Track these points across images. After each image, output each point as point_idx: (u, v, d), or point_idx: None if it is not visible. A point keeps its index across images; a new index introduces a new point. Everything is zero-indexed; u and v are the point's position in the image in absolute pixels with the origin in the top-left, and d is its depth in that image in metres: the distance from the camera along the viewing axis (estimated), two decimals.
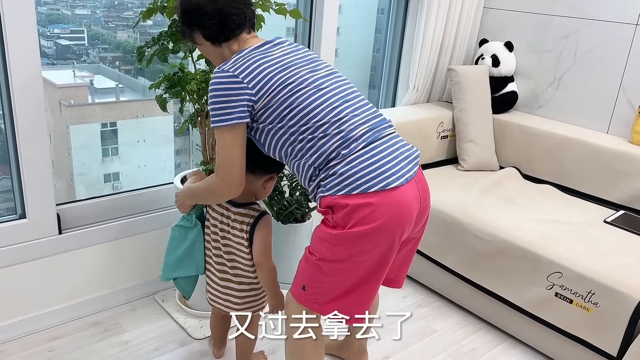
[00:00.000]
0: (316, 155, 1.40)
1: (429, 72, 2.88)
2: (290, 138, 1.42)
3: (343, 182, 1.36)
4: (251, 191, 1.65)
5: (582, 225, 2.20)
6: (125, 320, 2.14)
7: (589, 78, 2.66)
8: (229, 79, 1.38)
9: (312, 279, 1.44)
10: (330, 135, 1.39)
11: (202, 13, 1.44)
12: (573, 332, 1.94)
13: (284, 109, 1.40)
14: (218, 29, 1.46)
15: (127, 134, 2.60)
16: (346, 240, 1.36)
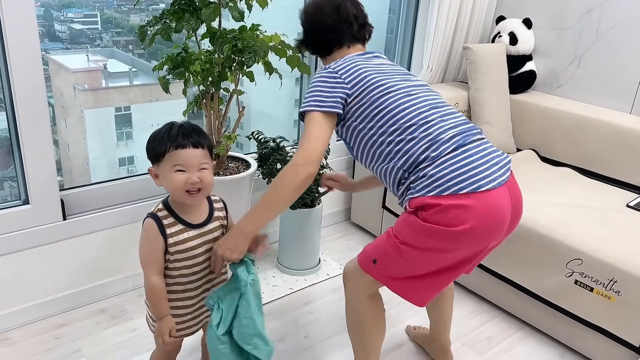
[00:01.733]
0: (405, 158, 1.40)
1: (443, 51, 2.77)
2: (378, 140, 1.45)
3: (433, 183, 1.33)
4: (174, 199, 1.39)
5: (604, 209, 2.11)
6: (133, 307, 2.11)
7: (612, 56, 2.54)
8: (329, 74, 1.48)
9: (387, 256, 1.43)
10: (418, 137, 1.39)
11: (321, 22, 1.58)
12: (593, 321, 1.87)
13: (374, 108, 1.45)
14: (316, 45, 1.62)
15: (140, 118, 2.57)
16: (434, 233, 1.33)
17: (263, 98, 2.90)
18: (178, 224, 1.36)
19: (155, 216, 1.35)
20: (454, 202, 1.30)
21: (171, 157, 1.30)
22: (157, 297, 1.37)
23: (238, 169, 2.05)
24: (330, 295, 2.28)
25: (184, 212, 1.38)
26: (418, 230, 1.35)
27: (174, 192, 1.33)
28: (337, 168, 2.72)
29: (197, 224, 1.39)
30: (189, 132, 1.32)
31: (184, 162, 1.30)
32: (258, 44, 1.77)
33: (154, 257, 1.35)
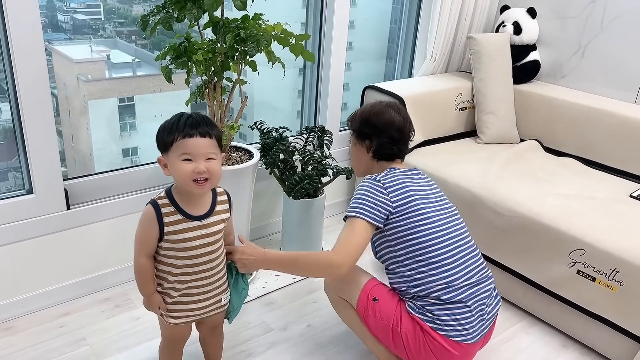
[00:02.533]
0: (419, 287, 1.57)
1: (447, 41, 2.76)
2: (402, 261, 1.59)
3: (435, 320, 1.54)
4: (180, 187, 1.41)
5: (607, 200, 2.11)
6: (137, 296, 2.11)
7: (616, 46, 2.53)
8: (376, 185, 1.60)
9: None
10: (437, 277, 1.55)
11: (387, 133, 1.66)
12: (595, 311, 1.87)
13: (409, 234, 1.57)
14: (388, 150, 1.67)
15: (144, 109, 2.57)
16: (419, 347, 1.57)
17: (267, 89, 2.90)
18: (177, 214, 1.37)
19: (156, 204, 1.37)
20: (444, 344, 1.53)
21: (179, 146, 1.31)
22: (143, 277, 1.43)
23: (241, 159, 2.05)
24: None
25: (185, 203, 1.38)
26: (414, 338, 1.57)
27: (181, 181, 1.34)
28: (340, 159, 2.72)
29: (196, 216, 1.39)
30: (198, 122, 1.32)
31: (191, 151, 1.30)
32: (261, 33, 1.76)
33: (146, 240, 1.39)
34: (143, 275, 1.43)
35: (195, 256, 1.41)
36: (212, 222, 1.42)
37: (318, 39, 2.53)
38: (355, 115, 1.72)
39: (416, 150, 2.52)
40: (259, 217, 2.54)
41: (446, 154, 2.48)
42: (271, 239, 2.60)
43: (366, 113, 1.69)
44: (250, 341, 1.92)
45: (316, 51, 2.55)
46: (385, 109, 1.68)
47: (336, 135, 2.63)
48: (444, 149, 2.56)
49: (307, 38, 1.82)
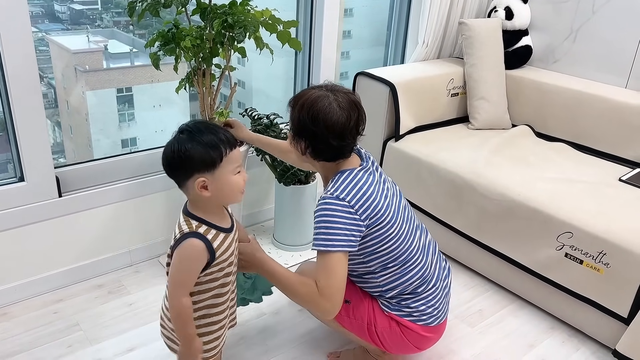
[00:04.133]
0: (391, 287, 1.55)
1: (439, 27, 2.76)
2: (373, 269, 1.54)
3: (412, 313, 1.56)
4: (207, 205, 1.27)
5: (596, 184, 2.12)
6: (130, 283, 2.14)
7: (608, 30, 2.52)
8: (344, 208, 1.41)
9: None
10: (409, 276, 1.55)
11: (322, 137, 1.42)
12: (583, 293, 1.89)
13: (380, 247, 1.49)
14: (328, 154, 1.47)
15: (142, 99, 2.58)
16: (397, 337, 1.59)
17: (263, 76, 2.90)
18: (220, 233, 1.27)
19: (200, 235, 1.23)
20: (422, 332, 1.57)
21: (230, 160, 1.21)
22: (187, 318, 1.27)
23: None
24: None
25: (215, 218, 1.28)
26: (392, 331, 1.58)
27: (231, 196, 1.26)
28: None
29: (230, 227, 1.32)
30: (220, 129, 1.24)
31: (239, 161, 1.24)
32: (249, 19, 1.76)
33: (191, 279, 1.25)
34: (188, 316, 1.26)
35: (232, 270, 1.35)
36: (234, 230, 1.36)
37: (309, 26, 2.53)
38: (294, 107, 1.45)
39: (407, 136, 2.52)
40: (252, 204, 2.56)
41: (437, 140, 2.49)
42: (264, 225, 2.61)
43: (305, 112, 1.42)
44: (243, 326, 1.95)
45: (307, 38, 2.55)
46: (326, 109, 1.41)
47: None
48: (436, 135, 2.57)
49: (295, 25, 1.82)
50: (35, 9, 2.17)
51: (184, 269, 1.24)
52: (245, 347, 1.84)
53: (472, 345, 1.91)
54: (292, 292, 1.47)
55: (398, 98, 2.43)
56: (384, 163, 2.55)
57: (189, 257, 1.23)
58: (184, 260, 1.23)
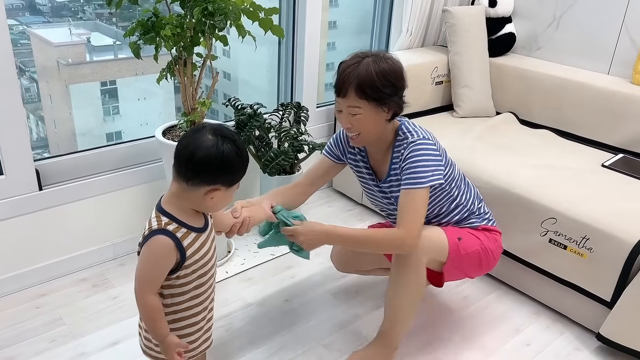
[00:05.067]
0: (471, 200, 1.73)
1: (423, 14, 2.75)
2: (453, 195, 1.68)
3: (491, 219, 1.78)
4: (189, 205, 1.23)
5: (579, 170, 2.14)
6: (114, 276, 2.12)
7: (590, 16, 2.53)
8: (433, 148, 1.55)
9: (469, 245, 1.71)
10: (472, 188, 1.77)
11: (403, 88, 1.56)
12: (567, 278, 1.91)
13: (450, 170, 1.65)
14: (402, 106, 1.58)
15: (127, 92, 2.55)
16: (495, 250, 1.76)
17: (248, 66, 2.88)
18: (191, 232, 1.22)
19: (169, 233, 1.18)
20: (499, 236, 1.78)
21: (238, 182, 1.24)
22: (156, 317, 1.22)
23: None
24: (313, 260, 2.30)
25: (186, 217, 1.22)
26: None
27: (216, 210, 1.28)
28: (317, 135, 2.72)
29: (203, 227, 1.26)
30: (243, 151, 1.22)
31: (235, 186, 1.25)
32: (229, 7, 1.74)
33: (159, 276, 1.20)
34: (156, 315, 1.22)
35: (209, 270, 1.29)
36: (211, 226, 1.32)
37: (292, 14, 2.50)
38: (366, 80, 1.47)
39: None
40: (236, 195, 2.52)
41: None
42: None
43: (385, 73, 1.49)
44: (229, 316, 1.94)
45: (290, 26, 2.52)
46: (390, 59, 1.53)
47: (312, 112, 2.62)
48: (421, 123, 2.53)
49: (276, 12, 1.80)
50: (15, 1, 2.13)
51: (151, 266, 1.19)
52: (232, 337, 1.84)
53: (458, 331, 1.92)
54: (374, 245, 1.58)
55: None
56: None
57: (155, 254, 1.18)
58: (151, 258, 1.19)
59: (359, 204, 2.76)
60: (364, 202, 2.72)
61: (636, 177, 2.10)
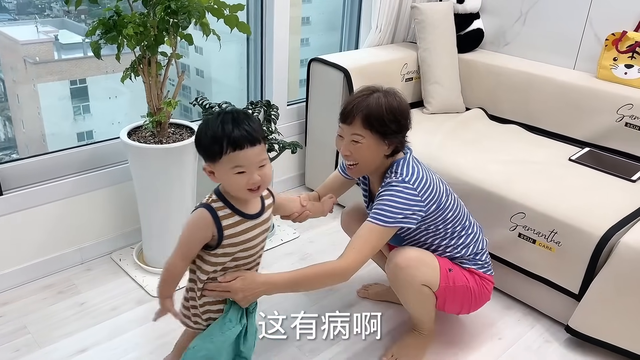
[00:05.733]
0: (465, 244, 1.71)
1: (391, 11, 2.74)
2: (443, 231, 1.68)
3: (485, 265, 1.75)
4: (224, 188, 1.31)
5: (547, 164, 2.16)
6: (81, 282, 2.06)
7: (556, 12, 2.56)
8: (411, 192, 1.53)
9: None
10: (474, 232, 1.74)
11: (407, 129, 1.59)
12: (536, 271, 1.93)
13: (440, 223, 1.65)
14: (404, 145, 1.61)
15: (97, 91, 2.49)
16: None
17: (222, 64, 2.83)
18: (235, 215, 1.29)
19: (210, 207, 1.27)
20: (492, 281, 1.78)
21: (230, 159, 1.21)
22: (168, 279, 1.35)
23: (182, 136, 2.00)
24: (285, 260, 2.29)
25: (239, 203, 1.30)
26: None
27: (235, 192, 1.27)
28: (288, 133, 2.69)
29: (253, 215, 1.32)
30: (245, 127, 1.20)
31: (244, 163, 1.22)
32: (193, 4, 1.70)
33: (193, 244, 1.30)
34: (169, 278, 1.34)
35: (254, 254, 1.37)
36: (266, 217, 1.37)
37: (260, 10, 2.47)
38: (374, 113, 1.50)
39: None
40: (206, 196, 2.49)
41: None
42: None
43: (394, 111, 1.52)
44: None
45: (258, 23, 2.49)
46: (400, 97, 1.56)
47: (282, 110, 2.59)
48: None
49: (241, 8, 1.77)
50: None
51: (187, 234, 1.30)
52: None
53: None
54: (315, 281, 1.50)
55: (352, 84, 2.41)
56: None
57: (193, 224, 1.29)
58: (189, 226, 1.30)
59: None
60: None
61: (602, 171, 2.13)
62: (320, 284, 1.53)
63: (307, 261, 2.25)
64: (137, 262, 2.14)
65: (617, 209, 1.85)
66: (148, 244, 2.12)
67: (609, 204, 1.89)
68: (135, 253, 2.18)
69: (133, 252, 2.19)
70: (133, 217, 2.17)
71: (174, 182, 1.97)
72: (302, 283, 1.50)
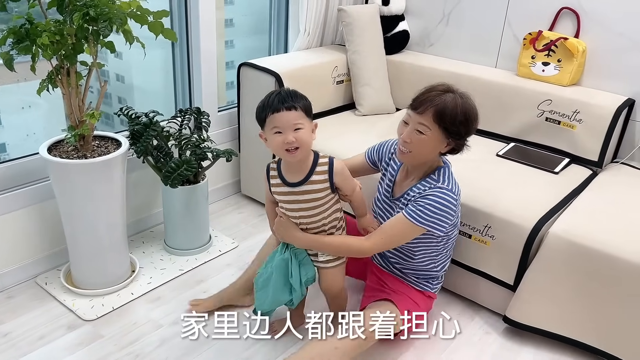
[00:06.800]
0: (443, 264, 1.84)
1: (319, 14, 2.74)
2: (442, 250, 1.78)
3: (437, 285, 1.88)
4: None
5: (476, 161, 2.21)
6: (2, 311, 1.91)
7: (476, 12, 2.66)
8: (454, 202, 1.63)
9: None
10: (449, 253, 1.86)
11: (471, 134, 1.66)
12: (473, 265, 1.99)
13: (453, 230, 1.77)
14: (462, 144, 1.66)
15: (9, 101, 2.30)
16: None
17: (145, 69, 2.71)
18: (277, 178, 1.62)
19: (267, 167, 1.66)
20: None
21: (270, 121, 1.51)
22: (267, 211, 1.76)
23: (108, 149, 1.90)
24: (225, 271, 2.23)
25: (286, 170, 1.61)
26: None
27: (275, 151, 1.55)
28: (220, 140, 2.63)
29: (291, 183, 1.59)
30: (285, 97, 1.50)
31: (280, 124, 1.50)
32: (114, 10, 1.61)
33: (264, 192, 1.70)
34: (267, 211, 1.76)
35: (294, 214, 1.64)
36: (304, 190, 1.58)
37: (185, 14, 2.39)
38: (448, 110, 1.56)
39: None
40: (137, 211, 2.39)
41: (328, 128, 2.47)
42: (153, 231, 2.46)
43: (468, 114, 1.59)
44: (138, 342, 1.82)
45: (183, 27, 2.41)
46: (473, 103, 1.62)
47: (214, 116, 2.52)
48: (325, 123, 2.56)
49: (166, 15, 1.70)
50: None
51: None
52: None
53: None
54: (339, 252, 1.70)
55: None
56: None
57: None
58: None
59: None
60: None
61: (527, 165, 2.23)
62: (342, 253, 1.72)
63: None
64: (65, 284, 2.01)
65: (544, 201, 1.94)
66: (77, 265, 1.99)
67: (537, 196, 1.98)
68: (62, 275, 2.05)
69: (60, 274, 2.05)
70: (58, 237, 2.04)
71: (102, 198, 1.87)
72: (327, 248, 1.68)
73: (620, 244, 1.71)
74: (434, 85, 1.64)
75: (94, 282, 1.99)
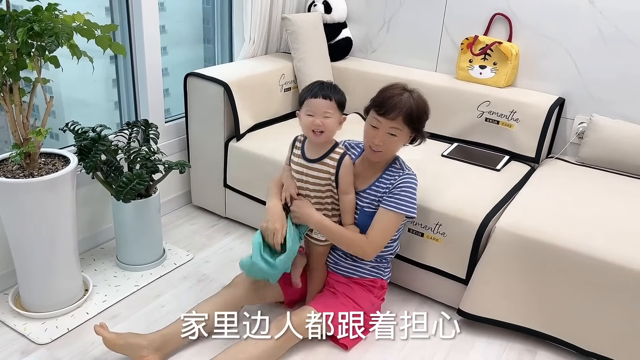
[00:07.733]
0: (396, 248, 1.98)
1: (263, 22, 2.76)
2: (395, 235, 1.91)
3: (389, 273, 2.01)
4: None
5: (423, 161, 2.30)
6: None
7: (415, 19, 2.76)
8: (416, 182, 1.84)
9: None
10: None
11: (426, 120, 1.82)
12: (427, 262, 2.07)
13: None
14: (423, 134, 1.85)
15: None
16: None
17: (76, 83, 2.62)
18: (299, 149, 1.85)
19: (296, 138, 1.89)
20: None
21: (307, 104, 1.75)
22: (270, 188, 1.91)
23: (55, 166, 1.84)
24: (181, 284, 2.20)
25: (308, 147, 1.83)
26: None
27: (304, 130, 1.78)
28: (170, 151, 2.59)
29: (307, 159, 1.81)
30: (325, 87, 1.75)
31: (312, 108, 1.74)
32: (59, 25, 1.57)
33: (287, 157, 1.91)
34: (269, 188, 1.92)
35: (305, 188, 1.84)
36: (315, 167, 1.80)
37: (127, 25, 2.35)
38: (414, 111, 1.72)
39: (248, 134, 2.50)
40: (87, 227, 2.32)
41: (277, 136, 2.51)
42: (104, 247, 2.40)
43: (426, 107, 1.78)
44: None
45: (127, 39, 2.37)
46: (425, 98, 1.79)
47: (162, 128, 2.49)
48: (274, 131, 2.59)
49: (114, 29, 1.68)
50: None
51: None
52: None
53: None
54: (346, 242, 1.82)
55: (234, 97, 2.40)
56: (228, 164, 2.50)
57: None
58: None
59: (223, 218, 2.70)
60: (228, 215, 2.66)
61: (471, 163, 2.34)
62: (345, 247, 1.85)
63: (205, 283, 2.20)
64: (14, 308, 1.93)
65: (489, 197, 2.05)
66: (27, 287, 1.92)
67: (482, 193, 2.09)
68: (10, 299, 1.96)
69: (8, 298, 1.97)
70: (3, 259, 1.95)
71: (52, 217, 1.81)
72: (331, 236, 1.83)
73: (562, 235, 1.84)
74: (391, 86, 1.77)
75: (45, 304, 1.93)
